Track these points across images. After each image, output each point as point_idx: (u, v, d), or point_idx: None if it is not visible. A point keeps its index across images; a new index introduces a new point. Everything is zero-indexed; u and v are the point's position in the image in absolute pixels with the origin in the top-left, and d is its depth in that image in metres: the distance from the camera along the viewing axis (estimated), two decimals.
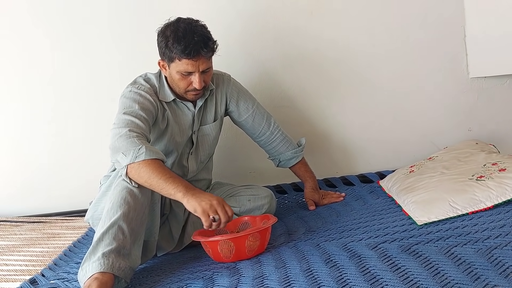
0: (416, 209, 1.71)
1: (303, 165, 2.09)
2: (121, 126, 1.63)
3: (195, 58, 1.68)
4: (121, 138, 1.60)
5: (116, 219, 1.51)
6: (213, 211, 1.50)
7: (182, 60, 1.69)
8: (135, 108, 1.68)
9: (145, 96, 1.73)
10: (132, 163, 1.56)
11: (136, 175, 1.56)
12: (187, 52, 1.67)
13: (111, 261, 1.45)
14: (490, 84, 2.37)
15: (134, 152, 1.56)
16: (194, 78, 1.72)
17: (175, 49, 1.68)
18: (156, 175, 1.54)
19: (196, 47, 1.67)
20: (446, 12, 2.32)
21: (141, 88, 1.75)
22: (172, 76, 1.75)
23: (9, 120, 2.37)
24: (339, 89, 2.36)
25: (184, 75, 1.72)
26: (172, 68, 1.73)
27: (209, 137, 1.92)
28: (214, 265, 1.59)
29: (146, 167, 1.55)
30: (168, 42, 1.69)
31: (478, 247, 1.35)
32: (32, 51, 2.32)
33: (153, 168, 1.55)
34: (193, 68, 1.70)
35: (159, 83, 1.80)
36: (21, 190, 2.41)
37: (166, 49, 1.71)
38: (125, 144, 1.58)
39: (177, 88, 1.77)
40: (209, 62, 1.75)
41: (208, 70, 1.75)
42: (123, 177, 1.58)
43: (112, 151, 1.62)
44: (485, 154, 1.98)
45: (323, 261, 1.44)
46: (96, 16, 2.29)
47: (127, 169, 1.57)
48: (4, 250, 2.00)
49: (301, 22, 2.30)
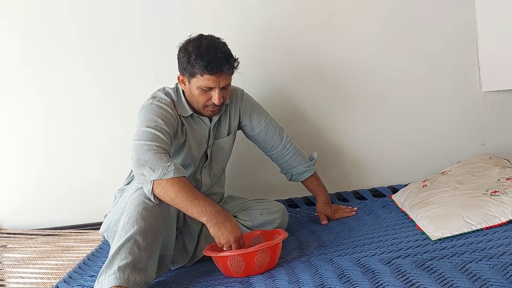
0: (429, 224, 1.70)
1: (315, 179, 2.09)
2: (146, 139, 1.64)
3: (217, 74, 1.70)
4: (148, 152, 1.60)
5: (132, 234, 1.52)
6: (228, 246, 1.59)
7: (204, 76, 1.71)
8: (158, 122, 1.69)
9: (167, 110, 1.74)
10: (160, 179, 1.57)
11: (162, 193, 1.57)
12: (209, 68, 1.69)
13: (127, 275, 1.46)
14: (503, 98, 2.36)
15: (164, 169, 1.57)
16: (214, 94, 1.74)
17: (198, 64, 1.70)
18: (183, 195, 1.56)
19: (218, 63, 1.69)
20: (458, 26, 2.32)
21: (162, 102, 1.77)
22: (191, 91, 1.77)
23: (23, 132, 2.39)
24: (351, 103, 2.36)
25: (204, 91, 1.74)
26: (193, 83, 1.75)
27: (222, 151, 1.93)
28: (227, 279, 1.60)
29: (174, 186, 1.56)
30: (190, 57, 1.71)
31: (493, 263, 1.34)
32: (45, 62, 2.34)
33: (181, 188, 1.57)
34: (214, 84, 1.72)
35: (177, 97, 1.82)
36: (35, 203, 2.43)
37: (188, 64, 1.73)
38: (152, 159, 1.59)
39: (195, 103, 1.79)
40: (229, 79, 1.77)
41: (227, 87, 1.77)
42: (147, 193, 1.58)
43: (137, 164, 1.61)
44: (499, 168, 1.97)
45: (337, 276, 1.43)
46: (112, 34, 2.32)
47: (153, 185, 1.57)
48: (20, 263, 2.02)
49: (312, 37, 2.31)
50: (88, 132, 2.38)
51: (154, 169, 1.57)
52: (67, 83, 2.36)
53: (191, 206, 1.57)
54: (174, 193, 1.56)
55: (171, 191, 1.56)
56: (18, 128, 2.40)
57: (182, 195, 1.56)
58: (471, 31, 2.32)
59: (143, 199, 1.57)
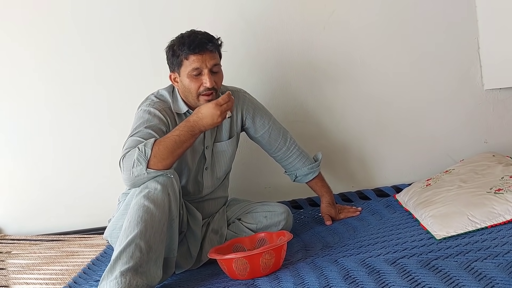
0: (434, 223, 1.70)
1: (320, 180, 2.09)
2: (128, 148, 1.64)
3: (201, 52, 1.72)
4: (129, 158, 1.60)
5: (133, 237, 1.52)
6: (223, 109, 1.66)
7: (189, 59, 1.73)
8: (141, 128, 1.69)
9: (154, 113, 1.75)
10: (148, 160, 1.58)
11: (161, 162, 1.59)
12: (192, 48, 1.72)
13: (128, 279, 1.46)
14: (505, 95, 2.36)
15: (141, 154, 1.58)
16: (204, 78, 1.74)
17: (181, 50, 1.74)
18: (171, 143, 1.61)
19: (201, 42, 1.73)
20: (459, 24, 2.32)
21: (151, 105, 1.78)
22: (184, 84, 1.77)
23: (27, 137, 2.40)
24: (353, 103, 2.36)
25: (194, 76, 1.74)
26: (183, 74, 1.76)
27: (225, 154, 1.93)
28: (232, 282, 1.60)
29: (159, 148, 1.59)
30: (174, 48, 1.76)
31: (499, 262, 1.33)
32: (54, 67, 2.35)
33: (163, 142, 1.61)
34: (200, 63, 1.73)
35: (172, 97, 1.83)
36: (39, 209, 2.43)
37: (173, 57, 1.76)
38: (131, 159, 1.59)
39: (189, 95, 1.78)
40: (217, 59, 1.78)
41: (217, 71, 1.78)
42: (154, 175, 1.58)
43: (126, 178, 1.61)
44: (503, 166, 1.96)
45: (342, 277, 1.43)
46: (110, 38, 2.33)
47: (151, 168, 1.58)
48: (24, 268, 2.02)
49: (313, 37, 2.31)
50: (93, 137, 2.38)
51: (140, 161, 1.58)
52: (74, 89, 2.36)
53: (184, 141, 1.62)
54: (166, 151, 1.60)
55: (164, 153, 1.59)
56: (23, 133, 2.40)
57: (171, 144, 1.60)
58: (472, 29, 2.32)
59: (143, 203, 1.57)
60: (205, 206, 1.91)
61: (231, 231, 1.89)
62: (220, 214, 1.95)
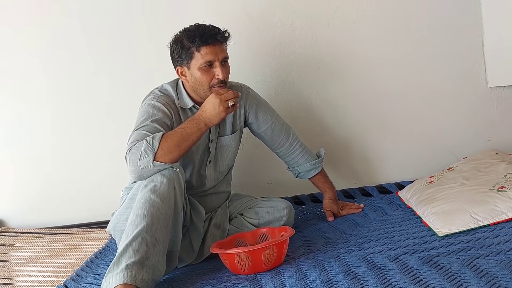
0: (436, 220, 1.70)
1: (323, 176, 2.09)
2: (135, 140, 1.64)
3: (213, 44, 1.73)
4: (136, 150, 1.61)
5: (140, 231, 1.53)
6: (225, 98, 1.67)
7: (201, 51, 1.73)
8: (147, 122, 1.70)
9: (159, 107, 1.75)
10: (155, 153, 1.58)
11: (167, 155, 1.60)
12: (204, 39, 1.72)
13: (134, 273, 1.47)
14: (509, 93, 2.36)
15: (149, 146, 1.59)
16: (216, 70, 1.75)
17: (192, 43, 1.73)
18: (179, 136, 1.62)
19: (211, 33, 1.74)
20: (463, 22, 2.32)
21: (155, 99, 1.78)
22: (194, 77, 1.77)
23: (30, 130, 2.41)
24: (357, 100, 2.36)
25: (206, 69, 1.75)
26: (193, 67, 1.75)
27: (228, 148, 1.93)
28: (234, 276, 1.60)
29: (167, 141, 1.60)
30: (183, 42, 1.75)
31: (501, 259, 1.34)
32: (55, 64, 2.35)
33: (171, 135, 1.62)
34: (213, 56, 1.73)
35: (176, 91, 1.83)
36: (42, 202, 2.44)
37: (182, 51, 1.76)
38: (138, 151, 1.60)
39: (201, 87, 1.78)
40: (226, 52, 1.79)
41: (226, 62, 1.79)
42: (161, 168, 1.59)
43: (133, 170, 1.62)
44: (506, 164, 1.96)
45: (344, 273, 1.44)
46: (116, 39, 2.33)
47: (158, 160, 1.59)
48: (28, 261, 2.03)
49: (317, 33, 2.31)
50: (95, 131, 2.39)
51: (148, 153, 1.58)
52: (75, 84, 2.36)
53: (190, 134, 1.64)
54: (173, 143, 1.61)
55: (171, 146, 1.60)
56: (26, 127, 2.41)
57: (178, 138, 1.62)
58: (477, 26, 2.32)
59: (149, 196, 1.57)
60: (207, 200, 1.91)
61: (233, 226, 1.90)
62: (222, 208, 1.95)
